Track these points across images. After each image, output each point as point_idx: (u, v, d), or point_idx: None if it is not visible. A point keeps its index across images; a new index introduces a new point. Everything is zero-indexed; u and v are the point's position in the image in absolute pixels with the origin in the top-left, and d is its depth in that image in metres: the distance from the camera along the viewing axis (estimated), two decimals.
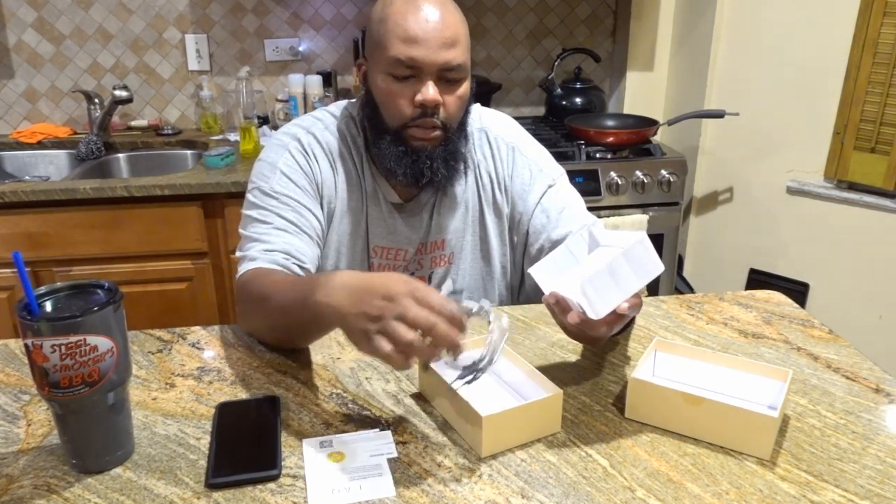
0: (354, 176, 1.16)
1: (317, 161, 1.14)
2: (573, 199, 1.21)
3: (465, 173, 1.19)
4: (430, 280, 1.22)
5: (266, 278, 1.00)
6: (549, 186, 1.20)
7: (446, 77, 1.06)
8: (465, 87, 1.09)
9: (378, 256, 1.19)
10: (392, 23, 1.04)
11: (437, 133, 1.08)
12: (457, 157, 1.13)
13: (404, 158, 1.09)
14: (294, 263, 1.05)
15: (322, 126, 1.17)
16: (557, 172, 1.22)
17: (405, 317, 0.72)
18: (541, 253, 1.18)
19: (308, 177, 1.13)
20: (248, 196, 1.14)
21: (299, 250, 1.07)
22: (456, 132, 1.12)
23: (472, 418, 0.78)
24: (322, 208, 1.15)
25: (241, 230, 1.12)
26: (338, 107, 1.21)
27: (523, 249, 1.22)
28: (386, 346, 0.73)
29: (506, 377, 0.92)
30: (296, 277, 1.01)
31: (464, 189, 1.20)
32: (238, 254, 1.10)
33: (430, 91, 1.04)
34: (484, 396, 0.85)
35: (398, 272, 1.20)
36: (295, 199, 1.11)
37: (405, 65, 1.03)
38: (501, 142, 1.21)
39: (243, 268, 1.06)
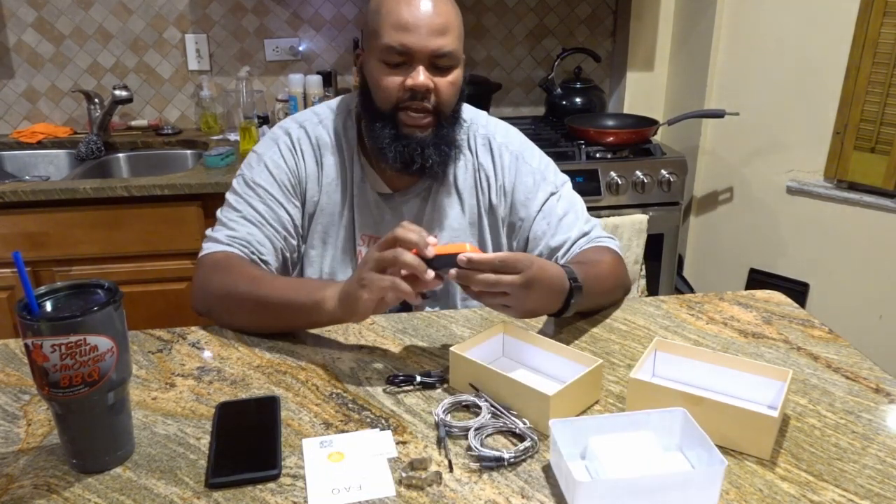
0: (342, 167, 1.20)
1: (303, 156, 1.19)
2: (575, 206, 1.23)
3: (456, 161, 1.21)
4: None
5: (248, 269, 1.08)
6: (552, 194, 1.22)
7: (437, 64, 1.09)
8: (456, 74, 1.12)
9: (365, 245, 1.21)
10: (385, 11, 1.07)
11: (429, 119, 1.11)
12: (449, 144, 1.15)
13: (395, 142, 1.11)
14: (253, 253, 1.12)
15: (316, 120, 1.21)
16: (560, 181, 1.24)
17: (376, 266, 0.90)
18: None
19: (290, 172, 1.18)
20: (233, 181, 1.21)
21: (260, 242, 1.14)
22: (449, 118, 1.14)
23: (536, 399, 0.82)
24: (302, 203, 1.19)
25: (217, 212, 1.19)
26: (339, 100, 1.25)
27: None
28: (375, 288, 0.90)
29: (525, 359, 0.97)
30: (293, 279, 1.13)
31: (461, 191, 1.22)
32: (207, 232, 1.17)
33: (420, 76, 1.07)
34: (524, 378, 0.86)
35: None
36: (270, 193, 1.17)
37: (397, 51, 1.07)
38: (505, 149, 1.23)
39: (209, 247, 1.14)
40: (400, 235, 0.89)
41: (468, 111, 1.25)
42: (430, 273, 0.89)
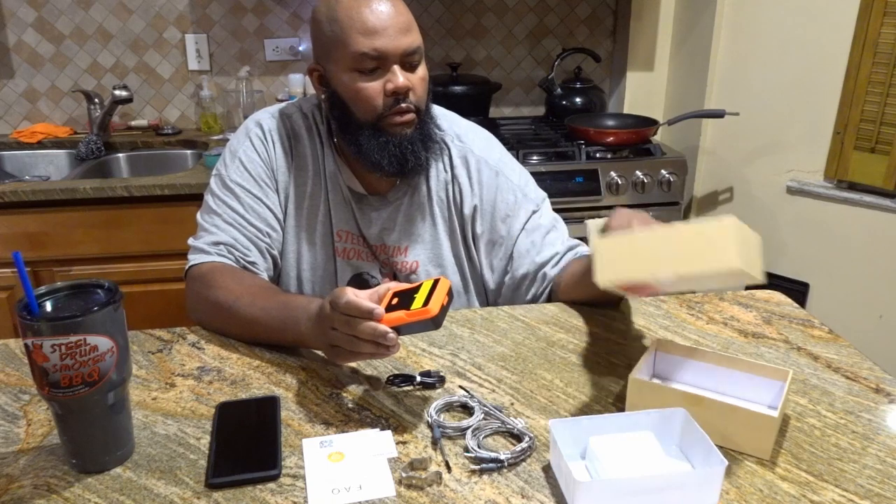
0: (312, 160, 1.19)
1: (274, 146, 1.18)
2: (556, 223, 1.23)
3: (428, 170, 1.19)
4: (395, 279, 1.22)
5: (230, 284, 1.05)
6: (534, 212, 1.21)
7: (408, 62, 1.08)
8: (424, 69, 1.12)
9: (342, 240, 1.20)
10: (346, 18, 1.05)
11: (412, 116, 1.10)
12: (433, 139, 1.15)
13: (386, 148, 1.10)
14: (240, 257, 1.11)
15: (289, 112, 1.21)
16: (540, 197, 1.24)
17: (338, 328, 0.85)
18: (525, 278, 1.20)
19: (265, 164, 1.17)
20: (211, 181, 1.19)
21: (245, 246, 1.13)
22: (426, 114, 1.14)
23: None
24: (278, 194, 1.18)
25: (198, 216, 1.18)
26: (312, 95, 1.24)
27: (503, 272, 1.22)
28: (344, 353, 0.86)
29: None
30: (273, 298, 1.03)
31: (434, 203, 1.21)
32: (190, 241, 1.15)
33: (399, 78, 1.07)
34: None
35: (367, 260, 1.21)
36: (248, 189, 1.15)
37: (370, 57, 1.06)
38: (484, 164, 1.21)
39: (194, 258, 1.12)
40: (350, 305, 0.83)
41: (443, 117, 1.23)
42: (396, 345, 0.83)
